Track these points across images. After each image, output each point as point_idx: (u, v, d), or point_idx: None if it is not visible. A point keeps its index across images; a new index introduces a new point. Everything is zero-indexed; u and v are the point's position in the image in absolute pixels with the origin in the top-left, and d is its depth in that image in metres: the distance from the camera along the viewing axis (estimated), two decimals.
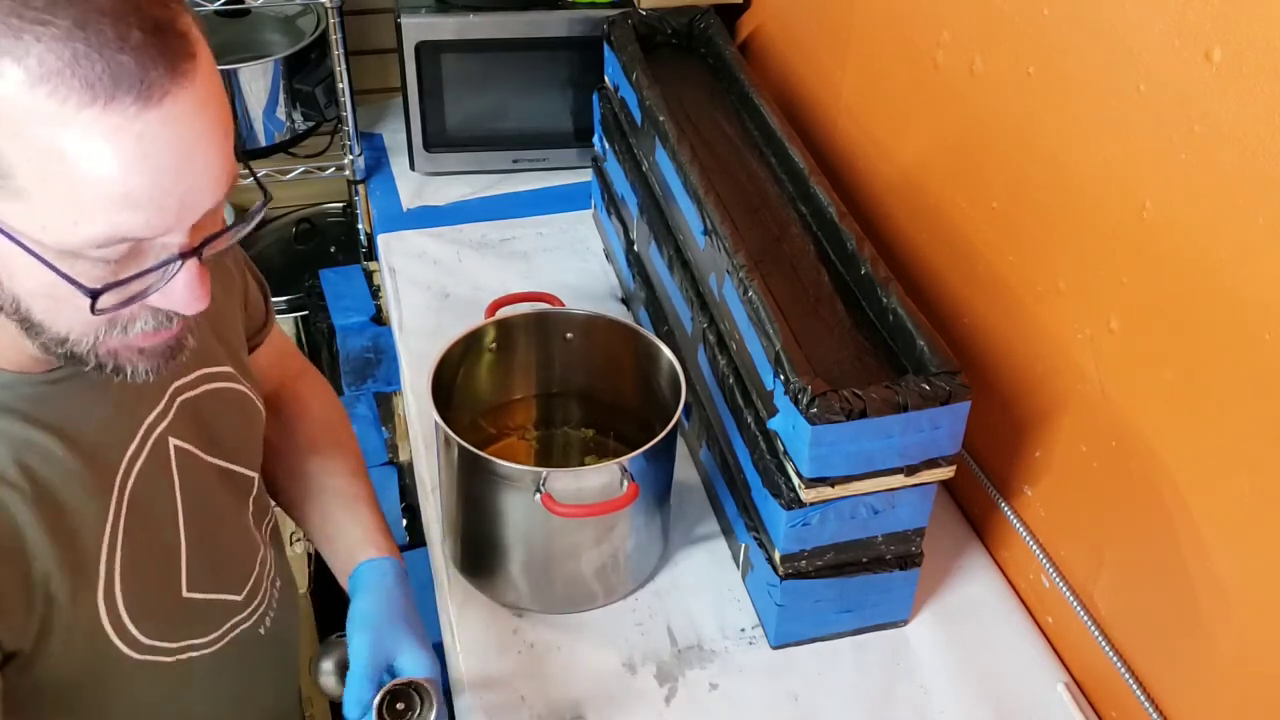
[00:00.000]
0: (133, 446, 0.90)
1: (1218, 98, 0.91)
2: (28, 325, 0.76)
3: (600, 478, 1.16)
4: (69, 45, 0.65)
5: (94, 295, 0.72)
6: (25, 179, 0.68)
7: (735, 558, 1.31)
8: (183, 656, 0.97)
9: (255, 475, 1.07)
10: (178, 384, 0.96)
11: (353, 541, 1.08)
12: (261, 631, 1.07)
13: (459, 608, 1.26)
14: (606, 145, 1.68)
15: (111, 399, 0.89)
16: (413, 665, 1.01)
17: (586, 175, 1.87)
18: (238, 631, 1.03)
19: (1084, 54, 1.07)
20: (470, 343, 1.30)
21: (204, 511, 0.97)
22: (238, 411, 1.03)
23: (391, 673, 1.01)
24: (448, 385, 1.28)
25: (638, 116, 1.51)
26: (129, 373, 0.80)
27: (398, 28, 1.81)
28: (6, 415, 0.82)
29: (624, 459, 1.14)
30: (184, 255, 0.74)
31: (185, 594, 0.96)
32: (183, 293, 0.76)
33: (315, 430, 1.18)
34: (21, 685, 0.85)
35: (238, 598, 1.02)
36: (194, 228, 0.74)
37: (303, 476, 1.15)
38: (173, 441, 0.94)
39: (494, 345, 1.33)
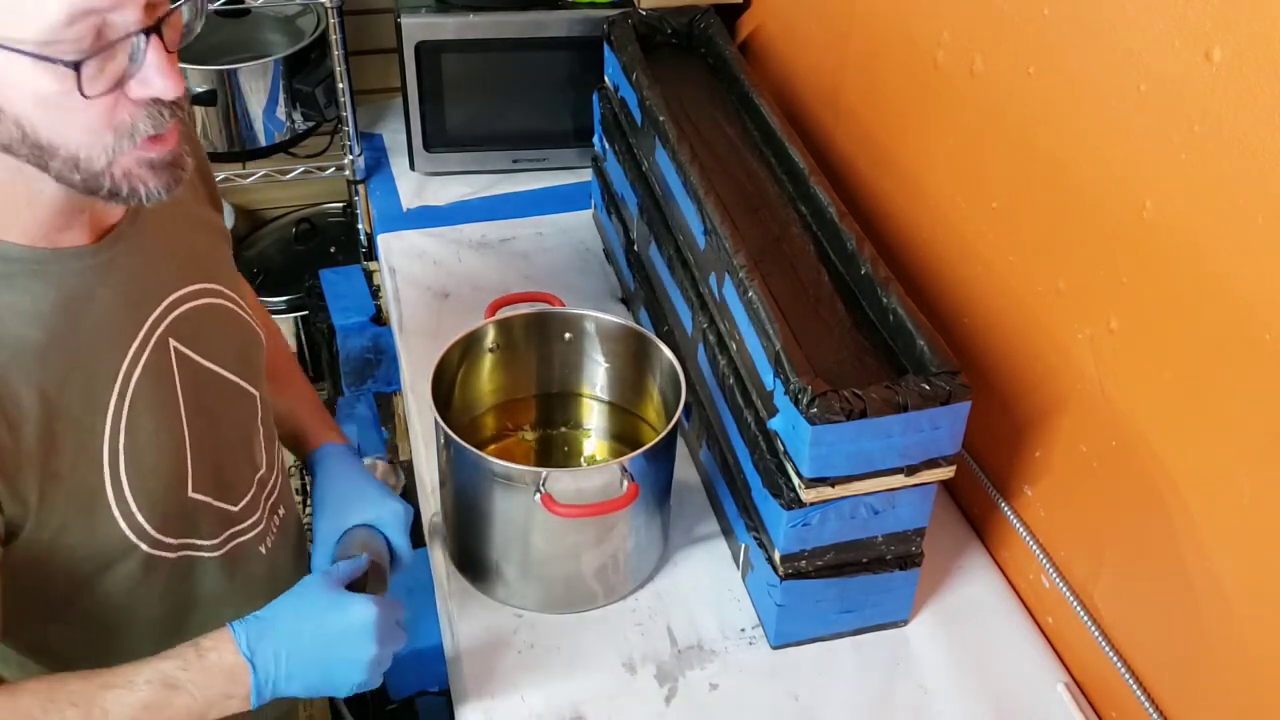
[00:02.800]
0: (136, 341, 0.94)
1: (1218, 98, 0.91)
2: (39, 152, 0.80)
3: (600, 478, 1.16)
4: None
5: (76, 66, 0.76)
6: None
7: (735, 558, 1.31)
8: (185, 554, 1.01)
9: (258, 394, 1.10)
10: (177, 294, 0.99)
11: (305, 433, 1.22)
12: (262, 550, 1.11)
13: (459, 608, 1.26)
14: (606, 145, 1.68)
15: (117, 292, 0.93)
16: (380, 516, 1.13)
17: (586, 175, 1.87)
18: (236, 543, 1.07)
19: (1084, 54, 1.07)
20: (470, 343, 1.30)
21: (205, 415, 1.01)
22: (235, 329, 1.07)
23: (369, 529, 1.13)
24: (448, 385, 1.28)
25: (638, 116, 1.51)
26: (143, 195, 0.85)
27: (398, 28, 1.81)
28: (12, 288, 0.86)
29: (624, 459, 1.14)
30: (146, 31, 0.78)
31: (190, 493, 1.00)
32: (156, 74, 0.80)
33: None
34: (34, 569, 0.90)
35: (234, 509, 1.06)
36: (147, 6, 0.78)
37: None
38: (173, 343, 0.98)
39: (494, 345, 1.33)
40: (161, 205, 0.88)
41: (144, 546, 0.97)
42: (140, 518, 0.96)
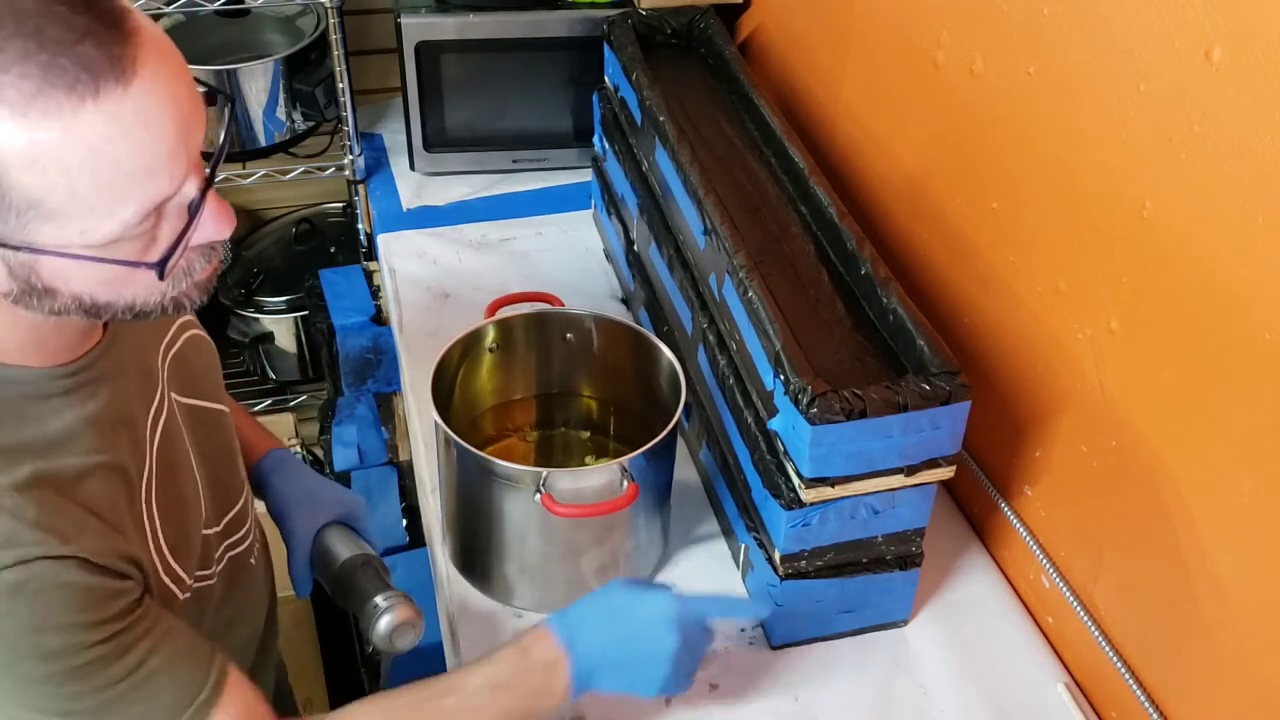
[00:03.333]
0: (153, 409, 0.94)
1: (1218, 98, 0.91)
2: (94, 311, 0.80)
3: (600, 478, 1.16)
4: (32, 61, 0.68)
5: (161, 266, 0.78)
6: (55, 200, 0.71)
7: (735, 558, 1.31)
8: (197, 585, 1.01)
9: (226, 408, 1.10)
10: (165, 342, 1.00)
11: (246, 443, 1.19)
12: (251, 561, 1.11)
13: (459, 608, 1.26)
14: (606, 145, 1.68)
15: (132, 372, 0.93)
16: (349, 511, 1.15)
17: (586, 175, 1.87)
18: (227, 559, 1.07)
19: (1084, 54, 1.07)
20: (470, 343, 1.30)
21: (204, 453, 1.02)
22: (204, 353, 1.08)
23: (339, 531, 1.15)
24: (448, 385, 1.28)
25: (638, 116, 1.51)
26: (188, 307, 0.85)
27: (398, 28, 1.81)
28: (58, 411, 0.85)
29: (624, 459, 1.14)
30: (202, 191, 0.78)
31: (203, 530, 1.01)
32: (214, 222, 0.81)
33: None
34: None
35: (218, 529, 1.06)
36: (196, 166, 0.78)
37: None
38: (174, 397, 0.98)
39: (494, 345, 1.33)
40: None
41: (180, 594, 0.96)
42: (180, 570, 0.95)
